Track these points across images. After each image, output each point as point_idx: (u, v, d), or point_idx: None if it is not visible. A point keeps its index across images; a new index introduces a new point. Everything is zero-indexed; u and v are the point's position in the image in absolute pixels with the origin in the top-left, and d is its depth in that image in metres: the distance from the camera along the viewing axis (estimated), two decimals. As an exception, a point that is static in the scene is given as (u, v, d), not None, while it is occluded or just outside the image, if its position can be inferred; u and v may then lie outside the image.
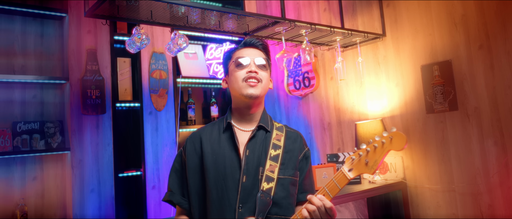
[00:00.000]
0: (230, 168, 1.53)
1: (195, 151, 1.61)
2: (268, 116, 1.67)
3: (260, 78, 1.55)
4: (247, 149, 1.55)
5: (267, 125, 1.61)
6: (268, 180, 1.51)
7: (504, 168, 2.64)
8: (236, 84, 1.56)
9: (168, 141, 3.65)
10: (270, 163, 1.54)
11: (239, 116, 1.62)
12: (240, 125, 1.62)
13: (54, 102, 3.32)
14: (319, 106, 3.84)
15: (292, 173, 1.57)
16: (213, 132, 1.63)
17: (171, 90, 3.70)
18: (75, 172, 3.20)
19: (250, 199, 1.49)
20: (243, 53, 1.60)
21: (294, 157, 1.59)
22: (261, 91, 1.56)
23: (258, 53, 1.61)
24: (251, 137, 1.57)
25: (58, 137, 3.26)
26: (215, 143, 1.59)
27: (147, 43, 2.36)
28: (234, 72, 1.58)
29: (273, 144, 1.58)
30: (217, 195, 1.51)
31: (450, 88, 2.89)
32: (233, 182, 1.51)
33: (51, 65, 3.33)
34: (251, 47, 1.62)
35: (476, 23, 2.76)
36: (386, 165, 3.24)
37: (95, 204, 3.26)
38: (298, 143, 1.64)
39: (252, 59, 1.57)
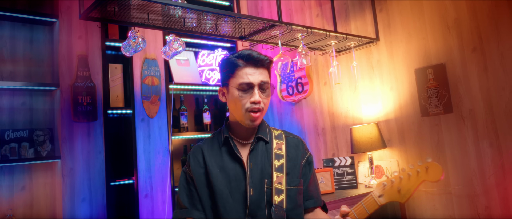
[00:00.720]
0: (235, 181, 1.49)
1: (199, 165, 1.55)
2: (266, 125, 1.63)
3: (263, 107, 1.49)
4: (250, 161, 1.51)
5: (266, 136, 1.57)
6: (278, 193, 1.48)
7: (500, 169, 2.66)
8: (238, 110, 1.49)
9: (160, 148, 3.59)
10: (276, 174, 1.50)
11: (237, 129, 1.56)
12: (238, 137, 1.57)
13: (43, 109, 3.24)
14: (313, 112, 3.83)
15: (298, 183, 1.53)
16: (213, 146, 1.58)
17: (164, 97, 3.65)
18: (65, 181, 3.11)
19: (259, 212, 1.46)
20: (248, 74, 1.47)
21: (297, 165, 1.56)
22: (261, 119, 1.52)
23: (263, 73, 1.50)
24: (251, 149, 1.53)
25: (47, 145, 3.17)
26: (217, 156, 1.55)
27: (143, 46, 2.32)
28: (236, 97, 1.48)
29: (276, 154, 1.54)
30: (224, 208, 1.46)
31: (445, 91, 2.91)
32: (240, 194, 1.47)
33: (40, 71, 3.26)
34: (257, 67, 1.49)
35: (469, 26, 2.79)
36: (381, 169, 3.24)
37: (86, 214, 3.17)
38: (300, 149, 1.60)
39: (257, 83, 1.47)
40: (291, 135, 1.65)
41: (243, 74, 1.47)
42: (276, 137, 1.60)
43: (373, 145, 3.08)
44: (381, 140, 3.12)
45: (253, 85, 1.47)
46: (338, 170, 3.16)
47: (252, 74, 1.47)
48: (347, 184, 3.14)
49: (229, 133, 1.57)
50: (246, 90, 1.47)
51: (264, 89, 1.50)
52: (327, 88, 3.69)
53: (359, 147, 3.11)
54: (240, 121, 1.50)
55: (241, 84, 1.47)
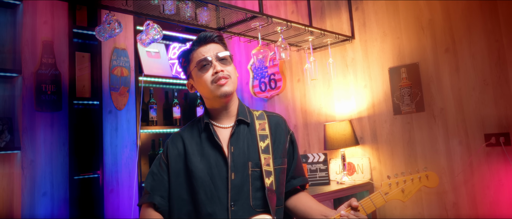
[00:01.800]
0: (216, 167, 1.47)
1: (178, 153, 1.54)
2: (245, 107, 1.62)
3: (228, 74, 1.48)
4: (231, 145, 1.49)
5: (246, 117, 1.56)
6: (268, 175, 1.47)
7: (469, 167, 2.74)
8: (205, 88, 1.49)
9: (128, 142, 3.45)
10: (264, 156, 1.49)
11: (215, 114, 1.55)
12: (218, 122, 1.55)
13: (3, 97, 3.04)
14: (286, 108, 3.81)
15: (281, 162, 1.54)
16: (193, 133, 1.56)
17: (133, 89, 3.52)
18: (25, 174, 2.92)
19: (242, 196, 1.44)
20: (202, 52, 1.51)
21: (281, 144, 1.56)
22: (233, 86, 1.50)
23: (218, 47, 1.53)
24: (232, 133, 1.51)
25: (6, 136, 2.97)
26: (197, 143, 1.53)
27: (119, 31, 2.20)
28: (200, 77, 1.49)
29: (260, 135, 1.53)
30: (206, 195, 1.44)
31: (417, 90, 2.97)
32: (222, 180, 1.45)
33: (1, 57, 3.05)
34: (208, 43, 1.53)
35: (442, 27, 2.87)
36: (353, 166, 3.27)
37: (47, 208, 2.99)
38: (282, 127, 1.60)
39: (213, 56, 1.49)
40: (272, 114, 1.64)
41: (197, 54, 1.52)
42: (257, 117, 1.59)
43: (346, 142, 3.10)
44: (354, 137, 3.14)
45: (209, 59, 1.48)
46: (311, 166, 3.16)
47: (206, 52, 1.50)
48: (319, 181, 3.14)
49: (209, 119, 1.55)
50: (205, 66, 1.48)
51: (223, 60, 1.51)
52: (301, 85, 3.69)
53: (332, 143, 3.12)
54: (213, 98, 1.49)
55: (198, 62, 1.49)
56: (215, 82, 1.46)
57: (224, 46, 1.57)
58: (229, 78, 1.48)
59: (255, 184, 1.46)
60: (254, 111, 1.62)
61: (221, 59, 1.50)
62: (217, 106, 1.52)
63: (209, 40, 1.53)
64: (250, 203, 1.44)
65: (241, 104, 1.59)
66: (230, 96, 1.50)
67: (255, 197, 1.45)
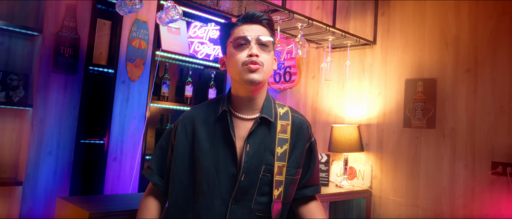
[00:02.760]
0: (224, 161, 1.40)
1: (186, 136, 1.46)
2: (272, 100, 1.50)
3: (262, 61, 1.37)
4: (248, 143, 1.39)
5: (270, 115, 1.44)
6: (278, 185, 1.40)
7: (470, 192, 2.70)
8: (235, 68, 1.38)
9: (137, 113, 3.49)
10: (278, 164, 1.40)
11: (238, 102, 1.45)
12: (239, 111, 1.45)
13: (22, 54, 3.09)
14: (296, 103, 3.80)
15: (294, 173, 1.45)
16: (208, 117, 1.46)
17: (149, 62, 3.54)
18: (34, 131, 2.99)
19: (245, 197, 1.39)
20: (243, 30, 1.39)
21: (300, 153, 1.46)
22: (263, 76, 1.38)
23: (262, 30, 1.40)
24: (252, 130, 1.41)
25: (21, 91, 3.03)
26: (210, 130, 1.44)
27: (139, 8, 2.21)
28: (232, 55, 1.39)
29: (279, 139, 1.42)
30: (208, 187, 1.38)
31: (431, 105, 2.92)
32: (227, 176, 1.39)
33: (24, 13, 3.09)
34: (253, 23, 1.40)
35: (467, 46, 2.79)
36: (355, 171, 3.25)
37: (50, 168, 3.07)
38: (304, 134, 1.49)
39: (254, 38, 1.37)
40: (298, 115, 1.52)
41: (239, 30, 1.40)
42: (281, 117, 1.46)
43: (351, 146, 3.08)
44: (360, 143, 3.12)
45: (248, 39, 1.37)
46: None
47: (248, 30, 1.39)
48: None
49: (229, 106, 1.45)
50: (242, 45, 1.38)
51: (264, 45, 1.39)
52: (315, 82, 3.66)
53: (336, 146, 3.10)
54: (239, 81, 1.38)
55: (235, 38, 1.38)
56: (246, 64, 1.35)
57: (271, 31, 1.45)
58: (262, 66, 1.37)
59: (262, 189, 1.40)
60: (280, 108, 1.50)
61: (262, 44, 1.38)
62: (242, 93, 1.42)
63: (256, 20, 1.40)
64: (251, 206, 1.39)
65: (268, 97, 1.48)
66: (257, 86, 1.39)
67: (258, 202, 1.40)
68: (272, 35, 1.45)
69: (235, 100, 1.45)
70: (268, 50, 1.41)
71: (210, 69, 4.17)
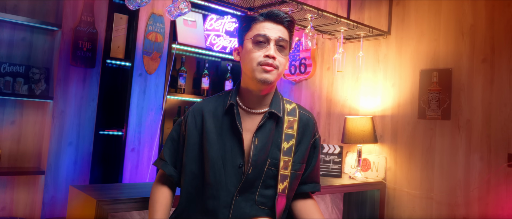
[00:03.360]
0: (231, 153, 1.42)
1: (196, 127, 1.49)
2: (280, 97, 1.52)
3: (278, 64, 1.39)
4: (256, 137, 1.42)
5: (279, 111, 1.46)
6: (283, 179, 1.42)
7: (486, 184, 2.64)
8: (249, 64, 1.40)
9: (154, 105, 3.58)
10: (283, 159, 1.43)
11: (247, 96, 1.47)
12: (247, 106, 1.47)
13: (43, 48, 3.21)
14: (311, 95, 3.79)
15: (299, 168, 1.48)
16: (217, 109, 1.49)
17: (165, 55, 3.61)
18: (55, 122, 3.11)
19: (250, 190, 1.42)
20: (265, 28, 1.40)
21: (305, 149, 1.49)
22: (275, 78, 1.41)
23: (282, 31, 1.42)
24: (261, 125, 1.43)
25: (42, 84, 3.16)
26: (218, 122, 1.47)
27: (148, 2, 2.26)
28: (250, 50, 1.40)
29: (286, 134, 1.45)
30: (214, 178, 1.42)
31: (446, 96, 2.86)
32: (233, 168, 1.42)
33: (45, 9, 3.20)
34: (275, 22, 1.41)
35: (483, 35, 2.71)
36: (369, 163, 3.23)
37: (71, 158, 3.19)
38: (310, 130, 1.51)
39: (274, 39, 1.39)
40: (305, 112, 1.54)
41: (260, 27, 1.41)
42: (288, 113, 1.49)
43: (364, 138, 3.06)
44: (374, 135, 3.09)
45: (269, 38, 1.39)
46: (325, 157, 3.15)
47: (270, 29, 1.40)
48: (331, 172, 3.13)
49: (237, 99, 1.48)
50: (261, 43, 1.39)
51: (282, 47, 1.41)
52: (330, 73, 3.64)
53: (350, 138, 3.09)
54: (251, 78, 1.40)
55: (256, 35, 1.39)
56: (261, 65, 1.38)
57: (290, 33, 1.47)
58: (276, 69, 1.39)
59: (267, 182, 1.43)
60: (287, 104, 1.53)
61: (280, 45, 1.41)
62: (251, 88, 1.44)
63: (279, 20, 1.42)
64: (255, 198, 1.42)
65: (276, 93, 1.51)
66: (269, 85, 1.41)
67: (262, 194, 1.43)
68: (290, 37, 1.46)
69: (244, 93, 1.48)
70: (285, 52, 1.43)
71: (226, 61, 4.21)
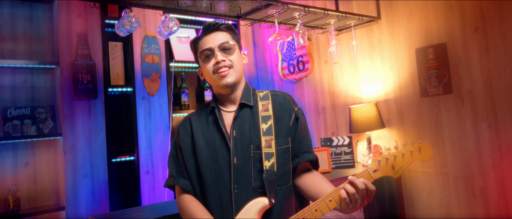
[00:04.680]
0: (220, 150, 1.52)
1: (187, 135, 1.59)
2: (251, 89, 1.61)
3: (230, 64, 1.50)
4: (233, 129, 1.52)
5: (249, 100, 1.56)
6: (268, 157, 1.48)
7: (498, 151, 2.64)
8: (208, 77, 1.54)
9: (161, 126, 3.63)
10: (264, 139, 1.50)
11: (222, 99, 1.59)
12: (224, 106, 1.58)
13: (45, 87, 3.28)
14: (314, 90, 3.81)
15: (284, 142, 1.53)
16: (201, 116, 1.61)
17: (164, 75, 3.66)
18: (67, 158, 3.17)
19: (244, 179, 1.48)
20: (206, 42, 1.53)
21: (285, 124, 1.55)
22: (236, 76, 1.51)
23: (222, 36, 1.53)
24: (235, 117, 1.53)
25: (49, 123, 3.23)
26: (204, 126, 1.57)
27: (137, 26, 2.31)
28: (203, 66, 1.54)
29: (262, 117, 1.53)
30: (211, 177, 1.51)
31: (445, 71, 2.87)
32: (225, 164, 1.50)
33: (41, 50, 3.28)
34: (212, 32, 1.54)
35: (471, 5, 2.72)
36: (379, 148, 3.24)
37: (88, 189, 3.25)
38: (286, 106, 1.58)
39: (215, 46, 1.50)
40: (278, 92, 1.63)
41: (202, 43, 1.54)
42: (261, 98, 1.59)
43: (371, 125, 3.07)
44: (380, 120, 3.10)
45: (211, 48, 1.51)
46: (336, 149, 3.17)
47: (209, 41, 1.52)
48: (344, 164, 3.15)
49: (216, 103, 1.59)
50: (208, 56, 1.51)
51: (227, 49, 1.52)
52: (328, 66, 3.66)
53: (357, 127, 3.10)
54: (216, 86, 1.54)
55: (201, 52, 1.53)
56: (216, 72, 1.49)
57: (232, 33, 1.57)
58: (231, 67, 1.50)
59: (257, 166, 1.49)
60: (259, 92, 1.62)
61: (225, 48, 1.51)
62: (222, 92, 1.56)
63: (214, 29, 1.54)
64: (252, 185, 1.48)
65: (246, 86, 1.60)
66: (232, 86, 1.52)
67: (257, 179, 1.48)
68: (233, 37, 1.57)
69: (219, 97, 1.60)
70: (232, 51, 1.53)
71: (225, 71, 4.25)
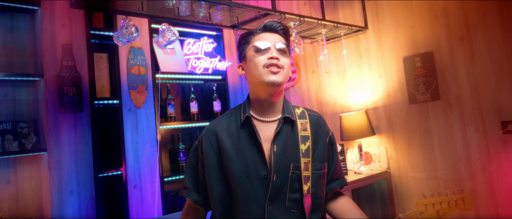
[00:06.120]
0: (253, 165, 1.45)
1: (212, 148, 1.53)
2: (289, 103, 1.58)
3: (282, 65, 1.45)
4: (274, 144, 1.46)
5: (292, 115, 1.52)
6: (306, 180, 1.46)
7: (486, 154, 2.75)
8: (256, 70, 1.45)
9: (148, 138, 3.54)
10: (303, 160, 1.47)
11: (259, 106, 1.52)
12: (260, 116, 1.52)
13: (27, 100, 3.14)
14: (301, 99, 3.85)
15: (320, 167, 1.51)
16: (230, 126, 1.53)
17: (151, 86, 3.59)
18: (52, 174, 3.03)
19: (279, 197, 1.45)
20: (263, 37, 1.48)
21: (322, 147, 1.53)
22: (283, 78, 1.46)
23: (279, 38, 1.51)
24: (278, 131, 1.47)
25: (32, 138, 3.08)
26: (234, 138, 1.50)
27: (136, 36, 2.27)
28: (253, 58, 1.46)
29: (302, 137, 1.49)
30: (242, 192, 1.45)
31: (432, 78, 2.97)
32: (259, 179, 1.44)
33: (22, 62, 3.14)
34: (271, 32, 1.51)
35: (456, 15, 2.85)
36: (370, 155, 3.30)
37: (74, 206, 3.11)
38: (323, 129, 1.56)
39: (273, 44, 1.47)
40: (313, 113, 1.60)
41: (258, 38, 1.50)
42: (299, 116, 1.55)
43: (362, 132, 3.13)
44: (370, 128, 3.17)
45: (269, 43, 1.47)
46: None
47: (268, 37, 1.49)
48: (337, 171, 3.18)
49: (250, 112, 1.52)
50: (262, 50, 1.46)
51: (283, 51, 1.49)
52: (315, 76, 3.72)
53: (348, 134, 3.15)
54: (260, 84, 1.46)
55: (256, 44, 1.48)
56: (267, 67, 1.44)
57: (286, 40, 1.55)
58: (282, 69, 1.45)
59: (294, 186, 1.45)
60: (296, 109, 1.59)
61: (281, 49, 1.48)
62: (262, 96, 1.49)
63: (274, 30, 1.51)
64: (285, 204, 1.44)
65: (286, 100, 1.57)
66: (278, 88, 1.46)
67: (291, 199, 1.45)
68: (288, 44, 1.55)
69: (256, 104, 1.53)
70: (286, 55, 1.50)
71: (210, 82, 4.23)
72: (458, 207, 1.43)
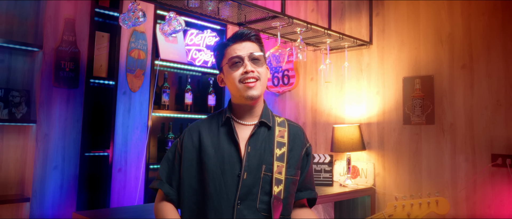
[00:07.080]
0: (229, 164, 1.49)
1: (193, 144, 1.56)
2: (269, 110, 1.62)
3: (258, 76, 1.49)
4: (249, 145, 1.50)
5: (269, 121, 1.56)
6: (277, 183, 1.48)
7: (472, 184, 2.77)
8: (233, 85, 1.50)
9: (139, 124, 3.52)
10: (277, 164, 1.50)
11: (239, 110, 1.56)
12: (240, 119, 1.56)
13: (22, 70, 3.10)
14: (296, 105, 3.85)
15: (294, 173, 1.54)
16: (212, 125, 1.58)
17: (148, 72, 3.57)
18: (39, 146, 3.00)
19: (250, 197, 1.46)
20: (236, 49, 1.51)
21: (297, 156, 1.56)
22: (261, 89, 1.51)
23: (252, 46, 1.53)
24: (253, 133, 1.52)
25: (23, 108, 3.04)
26: (214, 136, 1.54)
27: (143, 21, 2.24)
28: (229, 73, 1.50)
29: (278, 142, 1.54)
30: (215, 189, 1.47)
31: (429, 102, 2.99)
32: (232, 177, 1.47)
33: (23, 31, 3.10)
34: (243, 41, 1.53)
35: (461, 42, 2.87)
36: (357, 170, 3.31)
37: (57, 181, 3.08)
38: (300, 139, 1.60)
39: (246, 55, 1.49)
40: (293, 124, 1.64)
41: (231, 50, 1.52)
42: (278, 124, 1.59)
43: (353, 146, 3.14)
44: (361, 142, 3.18)
45: (241, 57, 1.49)
46: (316, 166, 3.21)
47: (240, 49, 1.50)
48: (323, 181, 3.19)
49: (231, 114, 1.57)
50: (236, 63, 1.49)
51: (256, 60, 1.51)
52: (313, 84, 3.72)
53: (339, 146, 3.16)
54: (239, 97, 1.50)
55: (230, 59, 1.50)
56: (243, 82, 1.47)
57: (260, 46, 1.56)
58: (258, 80, 1.49)
59: (265, 188, 1.48)
60: (277, 117, 1.63)
61: (254, 59, 1.50)
62: (243, 103, 1.53)
63: (245, 38, 1.53)
64: (256, 205, 1.46)
65: (266, 106, 1.60)
66: (256, 100, 1.51)
67: (262, 201, 1.47)
68: (262, 49, 1.57)
69: (236, 109, 1.57)
70: (261, 63, 1.52)
71: (208, 75, 4.21)
72: (431, 210, 1.40)
